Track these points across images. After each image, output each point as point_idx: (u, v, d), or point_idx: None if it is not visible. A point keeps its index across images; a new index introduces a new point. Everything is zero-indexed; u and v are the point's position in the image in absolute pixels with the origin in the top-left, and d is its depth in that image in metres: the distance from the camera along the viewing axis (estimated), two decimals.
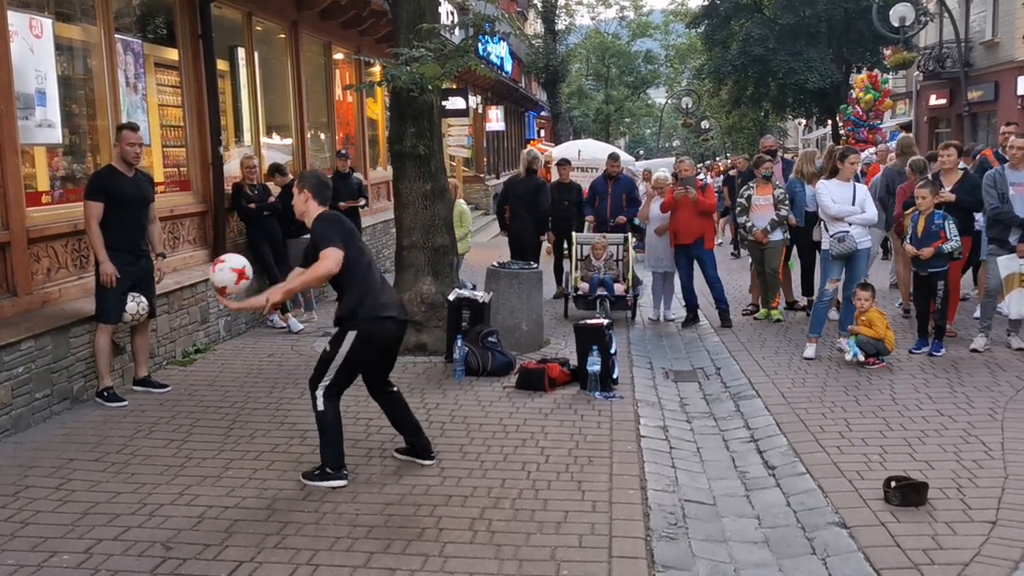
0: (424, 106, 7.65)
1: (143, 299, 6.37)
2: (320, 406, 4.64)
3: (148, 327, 6.69)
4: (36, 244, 6.14)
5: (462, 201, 9.74)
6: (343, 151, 11.50)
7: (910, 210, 8.23)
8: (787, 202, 8.96)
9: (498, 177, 28.32)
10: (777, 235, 8.96)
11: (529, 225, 10.42)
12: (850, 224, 7.54)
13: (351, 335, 4.60)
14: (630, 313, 9.63)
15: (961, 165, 8.35)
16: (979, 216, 7.97)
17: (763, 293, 9.39)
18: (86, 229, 6.18)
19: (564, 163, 11.75)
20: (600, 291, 9.24)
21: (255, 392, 6.57)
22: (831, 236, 7.63)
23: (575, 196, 11.19)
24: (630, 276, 9.55)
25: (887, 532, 4.08)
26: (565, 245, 10.23)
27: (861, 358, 7.08)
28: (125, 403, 6.23)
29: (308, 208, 4.71)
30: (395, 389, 5.03)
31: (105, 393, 6.24)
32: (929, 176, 8.53)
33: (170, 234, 7.89)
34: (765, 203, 8.98)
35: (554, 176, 12.37)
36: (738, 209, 9.22)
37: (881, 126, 24.78)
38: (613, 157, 11.50)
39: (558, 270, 11.10)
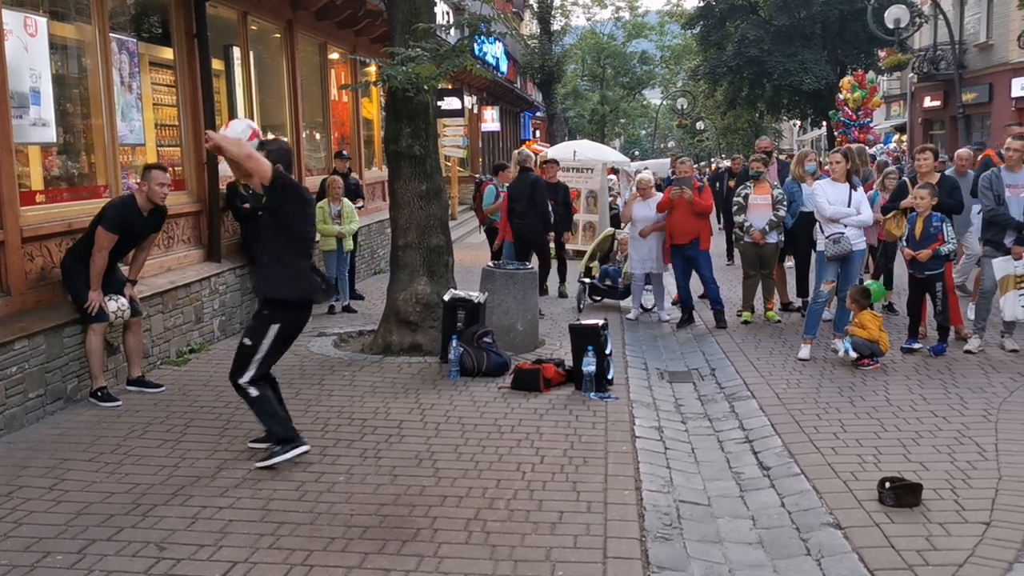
0: (420, 106, 7.65)
1: (120, 297, 6.38)
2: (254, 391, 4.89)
3: (141, 327, 6.68)
4: (30, 243, 6.11)
5: (347, 200, 9.91)
6: (343, 152, 11.49)
7: (891, 214, 8.25)
8: (785, 203, 8.96)
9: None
10: (772, 237, 8.97)
11: (534, 223, 10.33)
12: (845, 226, 7.55)
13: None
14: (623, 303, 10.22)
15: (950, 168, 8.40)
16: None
17: (747, 295, 9.37)
18: (94, 255, 6.15)
19: (551, 163, 11.79)
20: (590, 280, 10.18)
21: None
22: (826, 237, 7.64)
23: (562, 196, 11.22)
24: (623, 270, 10.02)
25: (881, 533, 4.09)
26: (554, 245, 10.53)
27: (853, 355, 7.09)
28: (119, 403, 6.21)
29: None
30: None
31: (99, 393, 6.23)
32: (906, 180, 8.56)
33: (165, 234, 7.85)
34: (763, 203, 8.98)
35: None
36: (735, 208, 9.23)
37: (872, 124, 24.82)
38: (672, 160, 11.58)
39: (559, 269, 11.21)
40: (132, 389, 6.54)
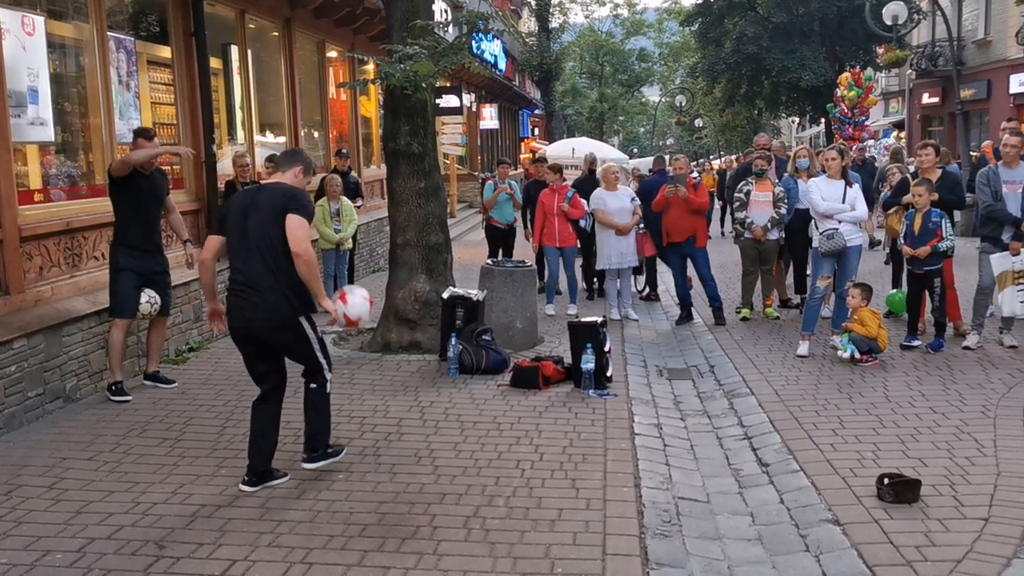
0: (418, 104, 7.64)
1: (155, 297, 6.40)
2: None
3: (165, 325, 6.79)
4: (28, 242, 6.12)
5: (346, 199, 9.88)
6: (343, 150, 11.48)
7: (893, 209, 8.25)
8: (786, 200, 8.96)
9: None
10: (774, 234, 8.97)
11: None
12: (840, 222, 7.54)
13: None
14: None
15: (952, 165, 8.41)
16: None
17: (746, 292, 9.37)
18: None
19: (539, 161, 11.97)
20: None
21: (249, 390, 6.48)
22: (820, 233, 7.64)
23: None
24: None
25: (880, 529, 4.10)
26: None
27: (857, 355, 7.09)
28: (129, 398, 6.26)
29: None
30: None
31: (113, 387, 6.29)
32: (907, 176, 8.57)
33: (164, 233, 7.83)
34: (764, 199, 8.97)
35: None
36: (736, 204, 9.23)
37: (866, 123, 24.86)
38: (671, 158, 11.30)
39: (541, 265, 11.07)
40: (148, 384, 6.61)
